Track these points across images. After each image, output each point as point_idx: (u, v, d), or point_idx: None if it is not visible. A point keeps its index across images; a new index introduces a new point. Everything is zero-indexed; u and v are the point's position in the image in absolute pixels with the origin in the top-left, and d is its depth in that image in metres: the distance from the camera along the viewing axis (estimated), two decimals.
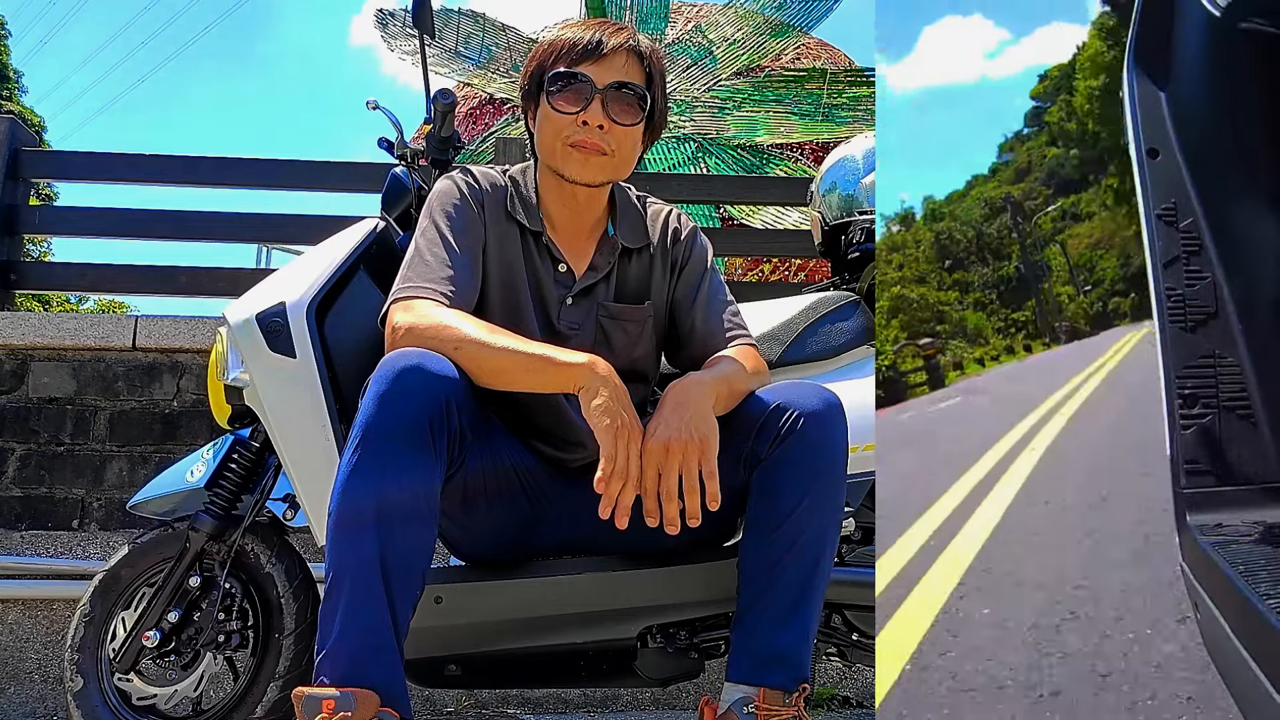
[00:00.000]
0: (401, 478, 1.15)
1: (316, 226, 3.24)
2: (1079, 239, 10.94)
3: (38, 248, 13.95)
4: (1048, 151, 8.39)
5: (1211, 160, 1.21)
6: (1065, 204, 9.38)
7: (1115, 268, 10.16)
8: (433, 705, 2.61)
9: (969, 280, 11.22)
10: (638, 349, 1.46)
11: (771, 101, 6.42)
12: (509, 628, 1.42)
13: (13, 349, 3.00)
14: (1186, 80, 1.23)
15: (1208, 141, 1.21)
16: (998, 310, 11.04)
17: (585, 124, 1.35)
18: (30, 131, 3.73)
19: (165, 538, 1.77)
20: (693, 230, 1.54)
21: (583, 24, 1.41)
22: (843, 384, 1.62)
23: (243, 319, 1.60)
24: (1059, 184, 9.52)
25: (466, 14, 7.25)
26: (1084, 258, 10.79)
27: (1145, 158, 1.22)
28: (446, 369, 1.19)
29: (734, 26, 6.91)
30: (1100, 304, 10.78)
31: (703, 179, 5.16)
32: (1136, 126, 1.24)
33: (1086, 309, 10.75)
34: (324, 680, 1.10)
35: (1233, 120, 1.21)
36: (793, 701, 1.22)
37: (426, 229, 1.38)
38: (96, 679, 1.71)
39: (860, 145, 2.03)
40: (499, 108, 6.99)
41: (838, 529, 1.31)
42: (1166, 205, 1.21)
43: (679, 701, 2.67)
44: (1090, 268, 10.61)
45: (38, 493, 2.90)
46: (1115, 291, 10.38)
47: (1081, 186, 9.99)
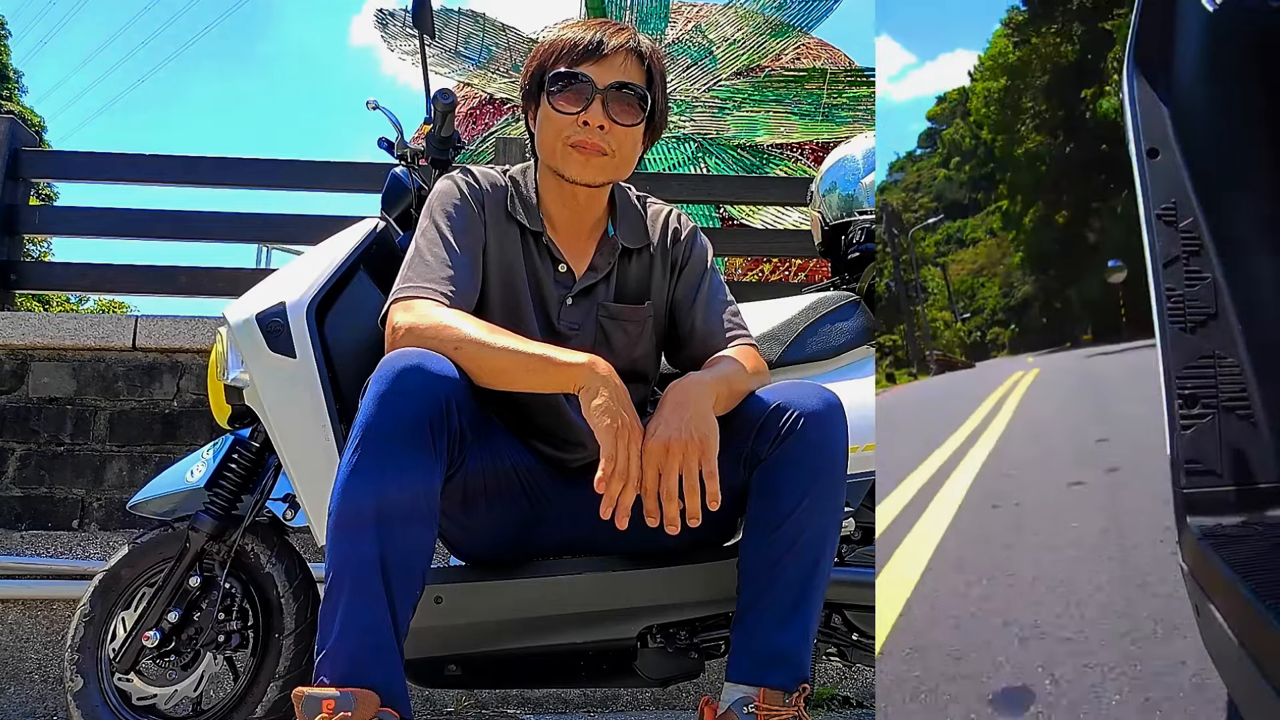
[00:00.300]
0: (401, 478, 1.15)
1: (316, 226, 3.24)
2: (961, 264, 10.82)
3: (38, 248, 13.96)
4: (938, 173, 8.41)
5: (1211, 160, 1.20)
6: (951, 228, 9.43)
7: (997, 297, 10.26)
8: (433, 705, 2.61)
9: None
10: (638, 349, 1.46)
11: (771, 101, 6.42)
12: (509, 628, 1.42)
13: (13, 349, 3.00)
14: (1186, 80, 1.23)
15: (1208, 141, 1.21)
16: None
17: (586, 124, 1.35)
18: (30, 131, 3.73)
19: (165, 538, 1.77)
20: (693, 230, 1.54)
21: (584, 24, 1.41)
22: (843, 384, 1.62)
23: (243, 319, 1.60)
24: (947, 207, 9.59)
25: (466, 14, 7.26)
26: (965, 284, 10.71)
27: (1145, 158, 1.22)
28: (446, 369, 1.19)
29: (734, 26, 6.91)
30: (978, 333, 10.85)
31: (703, 179, 5.16)
32: (1136, 126, 1.24)
33: (963, 337, 10.52)
34: (324, 680, 1.10)
35: (1233, 120, 1.21)
36: (793, 701, 1.22)
37: (427, 229, 1.38)
38: (96, 679, 1.71)
39: (860, 145, 2.03)
40: (499, 108, 6.99)
41: (838, 529, 1.31)
42: (1166, 205, 1.20)
43: (679, 701, 2.67)
44: (971, 295, 10.60)
45: (38, 493, 2.90)
46: (995, 321, 10.49)
47: (971, 210, 10.02)
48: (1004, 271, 10.45)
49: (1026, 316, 14.22)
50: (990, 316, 9.95)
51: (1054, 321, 16.31)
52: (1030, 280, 15.97)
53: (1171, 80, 1.24)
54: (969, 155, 13.33)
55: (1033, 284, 16.38)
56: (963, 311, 9.82)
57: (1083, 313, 16.27)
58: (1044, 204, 16.14)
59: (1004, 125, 12.33)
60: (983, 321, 9.96)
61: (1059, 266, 16.55)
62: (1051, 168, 16.42)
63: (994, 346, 9.75)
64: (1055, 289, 17.17)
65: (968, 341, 9.52)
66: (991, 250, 10.53)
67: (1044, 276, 16.68)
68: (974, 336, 9.79)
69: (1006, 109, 12.86)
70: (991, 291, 10.32)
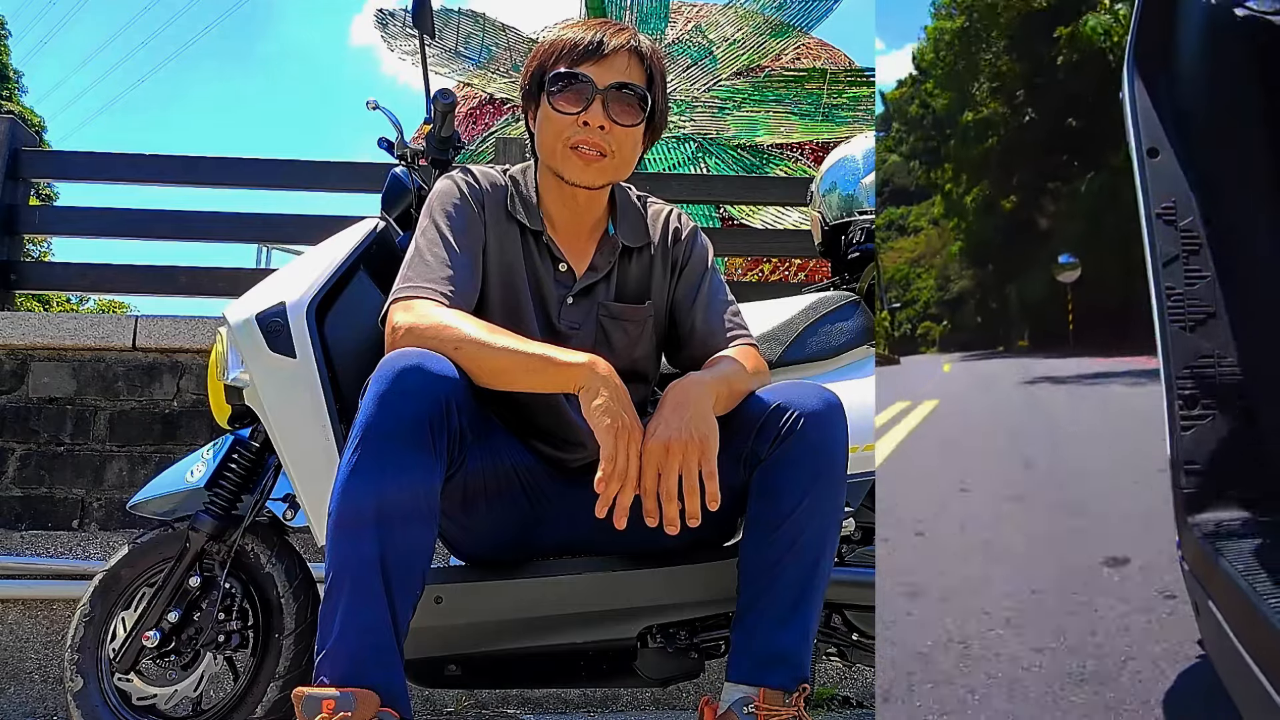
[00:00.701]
0: (401, 478, 1.15)
1: (316, 226, 3.24)
2: (899, 253, 9.71)
3: (38, 248, 13.95)
4: (888, 157, 7.62)
5: (1211, 160, 1.20)
6: (895, 214, 8.63)
7: (932, 289, 9.27)
8: (433, 705, 2.61)
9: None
10: (638, 349, 1.46)
11: (771, 101, 6.42)
12: (509, 628, 1.42)
13: (13, 349, 3.00)
14: (1186, 80, 1.23)
15: (1208, 141, 1.21)
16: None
17: (586, 124, 1.35)
18: (30, 131, 3.73)
19: (165, 538, 1.77)
20: (693, 230, 1.54)
21: (583, 24, 1.40)
22: (843, 384, 1.62)
23: (243, 319, 1.60)
24: (892, 193, 8.66)
25: (466, 14, 7.26)
26: (900, 273, 9.62)
27: (1145, 157, 1.22)
28: (446, 369, 1.19)
29: (734, 26, 6.92)
30: (909, 326, 9.77)
31: (703, 179, 5.16)
32: (1136, 126, 1.24)
33: (888, 329, 9.19)
34: (324, 680, 1.10)
35: (1233, 120, 1.21)
36: (793, 701, 1.22)
37: (426, 228, 1.38)
38: (96, 679, 1.71)
39: (860, 145, 2.03)
40: (499, 108, 6.99)
41: (838, 529, 1.31)
42: (1166, 205, 1.20)
43: (679, 701, 2.67)
44: (905, 284, 9.54)
45: (38, 493, 2.90)
46: (928, 315, 9.43)
47: (917, 198, 8.95)
48: (940, 264, 9.50)
49: (960, 313, 11.97)
50: (923, 310, 9.07)
51: (990, 322, 13.86)
52: (967, 274, 13.62)
53: (1171, 80, 1.24)
54: (915, 125, 11.66)
55: (969, 278, 13.96)
56: (892, 301, 8.86)
57: (1022, 315, 13.92)
58: (991, 183, 13.36)
59: (953, 80, 10.73)
60: (915, 314, 9.12)
61: (1000, 260, 14.06)
62: (1005, 138, 13.57)
63: (924, 342, 8.88)
64: (992, 285, 14.46)
65: (895, 335, 8.72)
66: (931, 239, 9.55)
67: (981, 271, 14.11)
68: (902, 329, 9.01)
69: (959, 58, 10.89)
70: (927, 283, 9.30)
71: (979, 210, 11.96)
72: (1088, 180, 11.88)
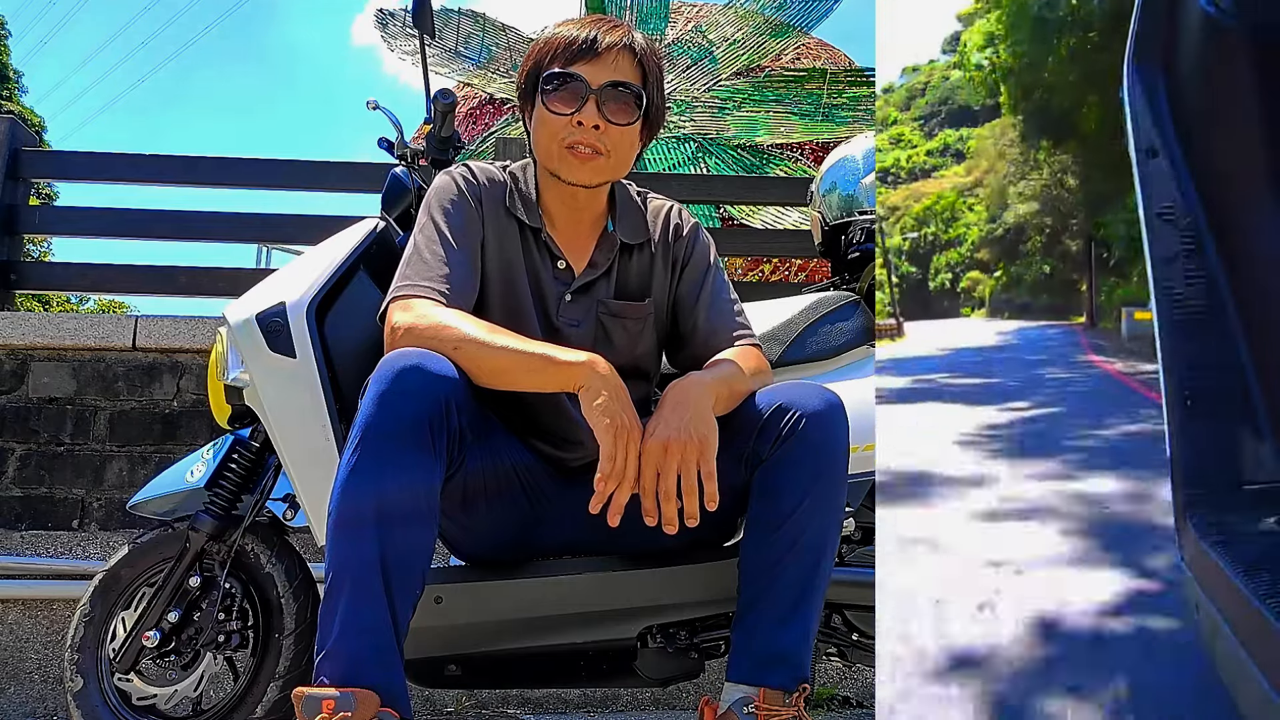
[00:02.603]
0: (401, 477, 1.14)
1: (316, 226, 3.24)
2: (945, 179, 7.84)
3: (38, 248, 13.96)
4: (950, 74, 6.36)
5: (1211, 160, 1.20)
6: (950, 137, 7.04)
7: (982, 222, 6.95)
8: (433, 705, 2.61)
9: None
10: (638, 346, 1.46)
11: (771, 101, 6.42)
12: (509, 628, 1.42)
13: (13, 349, 3.00)
14: (1186, 79, 1.23)
15: (1208, 141, 1.21)
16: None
17: (580, 124, 1.35)
18: (30, 131, 3.73)
19: (165, 538, 1.77)
20: (694, 227, 1.53)
21: (578, 22, 1.40)
22: (843, 384, 1.62)
23: (243, 319, 1.60)
24: (951, 113, 7.11)
25: (466, 14, 7.25)
26: (945, 206, 7.56)
27: (1145, 157, 1.22)
28: (446, 369, 1.19)
29: (734, 26, 6.91)
30: (948, 276, 7.04)
31: (703, 179, 5.16)
32: (1136, 126, 1.24)
33: (900, 284, 6.61)
34: (324, 680, 1.10)
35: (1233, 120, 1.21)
36: (793, 701, 1.22)
37: (425, 226, 1.38)
38: (96, 679, 1.71)
39: (860, 145, 2.03)
40: (499, 108, 6.99)
41: (838, 529, 1.31)
42: (1166, 205, 1.20)
43: (679, 701, 2.67)
44: (948, 219, 7.13)
45: (38, 493, 2.90)
46: (973, 262, 6.79)
47: (983, 118, 7.28)
48: (993, 194, 7.39)
49: (1018, 262, 9.13)
50: (968, 253, 7.13)
51: (1058, 277, 10.47)
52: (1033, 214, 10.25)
53: (1171, 80, 1.24)
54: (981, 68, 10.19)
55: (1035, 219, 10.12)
56: (908, 231, 7.03)
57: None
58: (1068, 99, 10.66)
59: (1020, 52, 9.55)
60: (959, 259, 7.28)
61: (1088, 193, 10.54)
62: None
63: (966, 298, 6.89)
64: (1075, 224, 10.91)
65: (932, 287, 6.63)
66: (993, 161, 7.62)
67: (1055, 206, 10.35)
68: (940, 279, 7.01)
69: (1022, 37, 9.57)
70: (977, 216, 7.37)
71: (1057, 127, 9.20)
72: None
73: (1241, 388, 1.15)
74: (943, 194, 7.43)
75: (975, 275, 6.99)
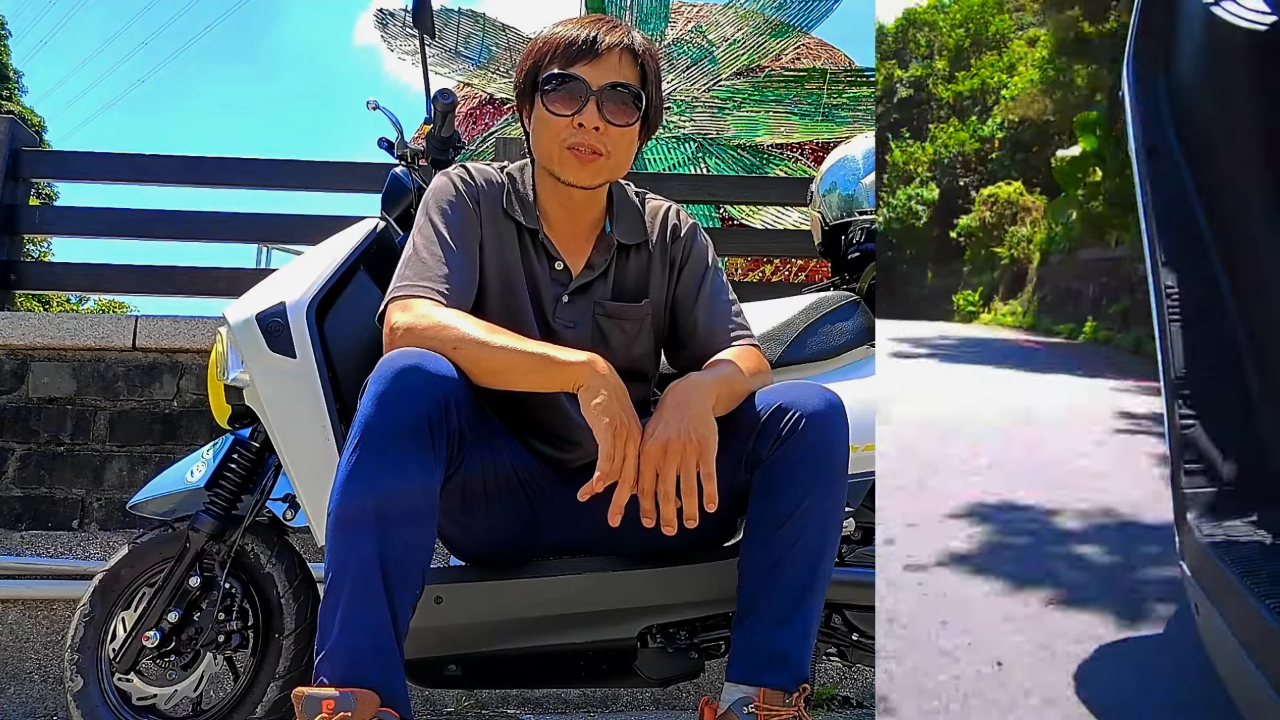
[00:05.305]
0: (401, 477, 1.14)
1: (316, 226, 3.23)
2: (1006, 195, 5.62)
3: (38, 248, 13.96)
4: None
5: (1211, 159, 1.20)
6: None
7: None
8: (433, 705, 2.61)
9: None
10: (635, 348, 1.46)
11: (771, 101, 6.42)
12: (509, 628, 1.42)
13: (13, 349, 3.00)
14: (1186, 78, 1.23)
15: (1208, 140, 1.21)
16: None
17: (580, 126, 1.34)
18: (30, 131, 3.73)
19: (165, 538, 1.77)
20: (692, 227, 1.53)
21: (577, 21, 1.39)
22: (843, 384, 1.61)
23: (243, 319, 1.60)
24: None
25: (466, 14, 7.25)
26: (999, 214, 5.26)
27: (1145, 156, 1.22)
28: (445, 369, 1.19)
29: (734, 26, 6.91)
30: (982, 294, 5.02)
31: (703, 179, 5.16)
32: (1136, 125, 1.24)
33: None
34: (324, 680, 1.10)
35: (1233, 120, 1.21)
36: (793, 701, 1.22)
37: (423, 226, 1.38)
38: (96, 679, 1.71)
39: (860, 145, 2.03)
40: (499, 108, 6.99)
41: (838, 529, 1.31)
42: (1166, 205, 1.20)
43: (679, 701, 2.67)
44: (996, 230, 4.99)
45: (38, 493, 2.90)
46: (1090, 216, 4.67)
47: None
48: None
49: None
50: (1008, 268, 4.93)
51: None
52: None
53: (1171, 80, 1.24)
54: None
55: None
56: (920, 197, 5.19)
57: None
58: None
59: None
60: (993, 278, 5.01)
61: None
62: None
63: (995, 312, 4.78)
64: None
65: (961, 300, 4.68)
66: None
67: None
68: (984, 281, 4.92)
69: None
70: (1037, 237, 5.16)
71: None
72: None
73: (1241, 388, 1.15)
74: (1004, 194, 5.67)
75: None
